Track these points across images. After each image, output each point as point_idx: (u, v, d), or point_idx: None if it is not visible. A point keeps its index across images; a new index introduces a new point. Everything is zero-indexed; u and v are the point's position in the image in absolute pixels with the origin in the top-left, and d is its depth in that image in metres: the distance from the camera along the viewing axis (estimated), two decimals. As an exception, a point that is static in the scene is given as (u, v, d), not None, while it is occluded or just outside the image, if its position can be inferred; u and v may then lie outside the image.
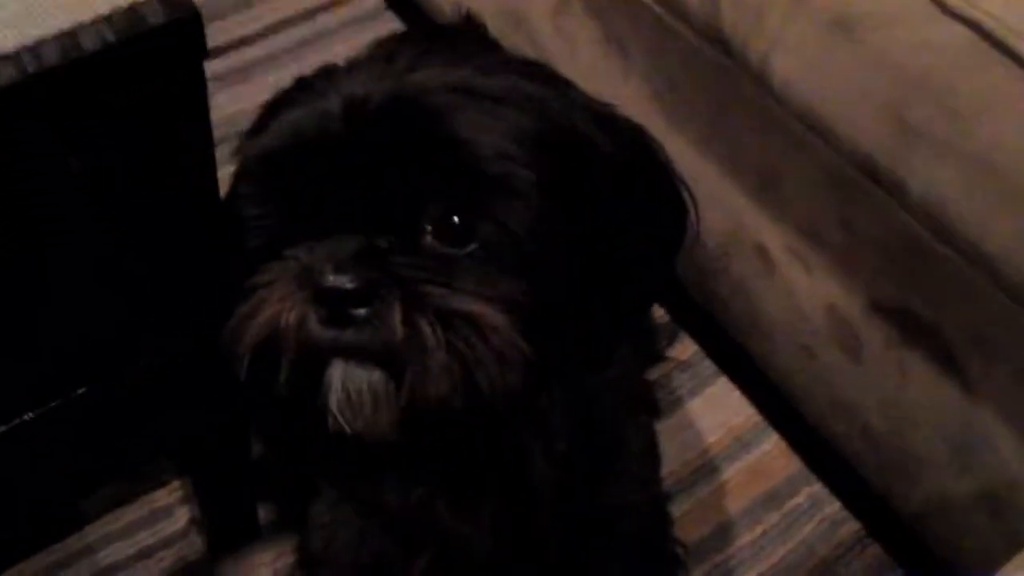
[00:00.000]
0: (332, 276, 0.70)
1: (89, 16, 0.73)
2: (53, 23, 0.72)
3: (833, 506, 1.29)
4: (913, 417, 1.11)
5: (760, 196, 1.17)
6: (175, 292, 0.93)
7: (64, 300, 0.95)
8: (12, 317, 0.93)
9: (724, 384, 1.39)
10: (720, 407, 1.37)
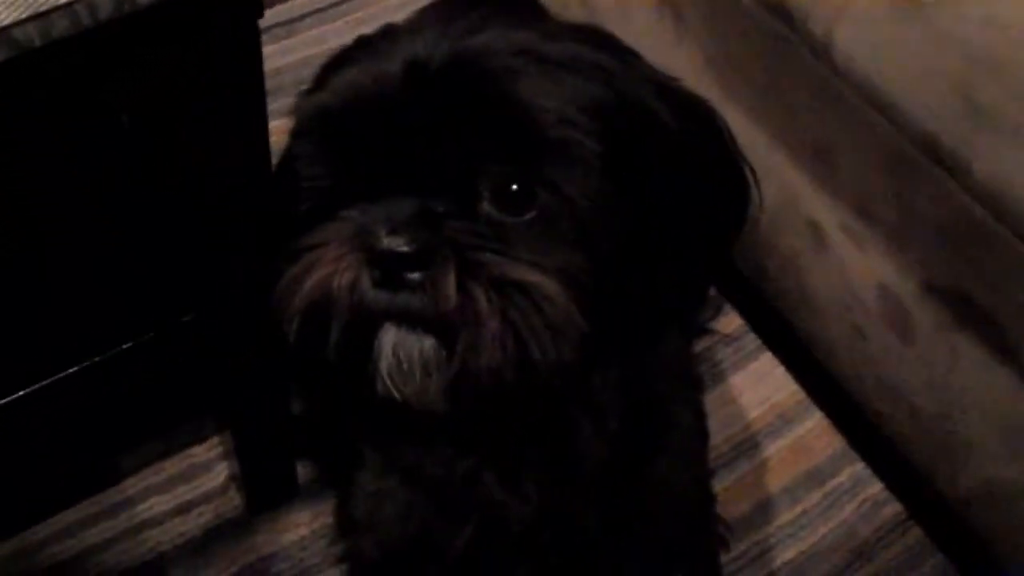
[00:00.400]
0: (387, 238, 0.68)
1: (144, -30, 0.72)
2: (108, -24, 0.71)
3: (875, 487, 1.28)
4: (963, 401, 1.09)
5: (814, 170, 1.15)
6: (219, 248, 0.92)
7: (110, 254, 0.95)
8: (57, 271, 0.94)
9: (768, 359, 1.38)
10: (763, 383, 1.36)
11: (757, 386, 1.36)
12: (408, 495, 0.90)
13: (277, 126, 0.85)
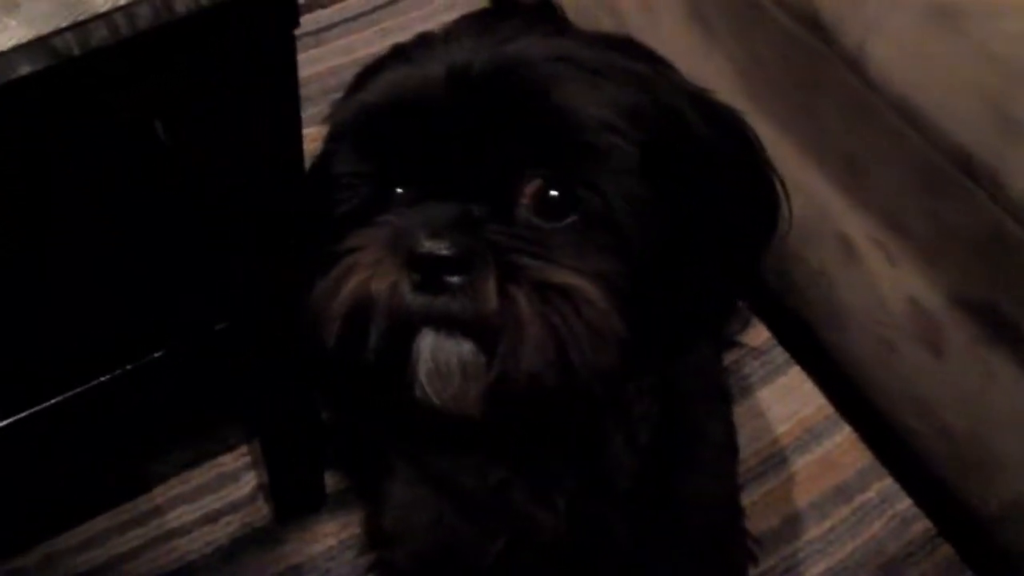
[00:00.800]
0: (428, 241, 0.68)
1: (183, -21, 0.73)
2: (146, -15, 0.72)
3: (904, 503, 1.27)
4: (995, 418, 1.08)
5: (845, 183, 1.14)
6: (251, 256, 0.93)
7: (143, 262, 0.96)
8: (89, 279, 0.94)
9: (796, 373, 1.37)
10: (791, 397, 1.35)
11: (785, 400, 1.35)
12: (438, 506, 0.90)
13: (306, 135, 0.85)
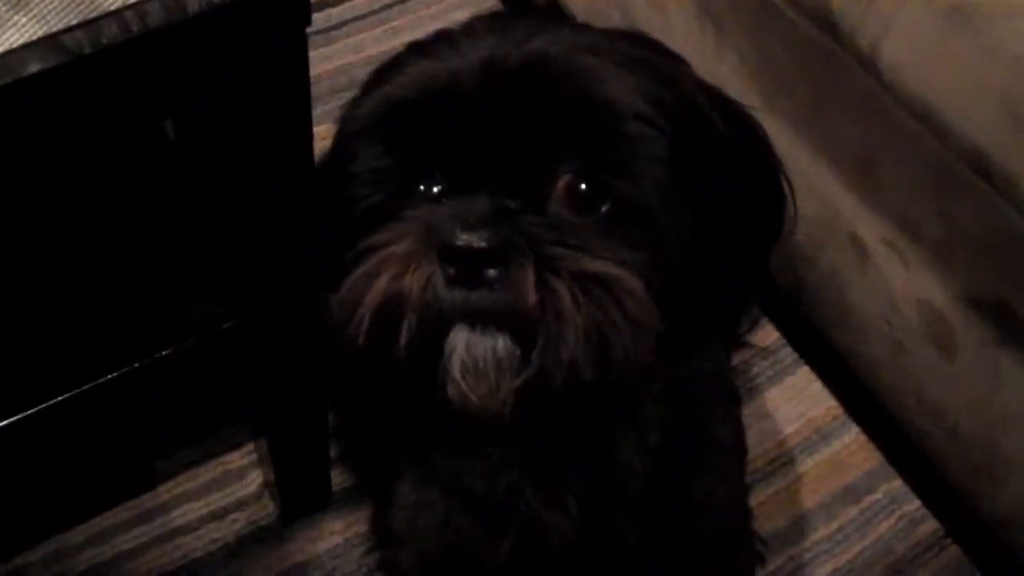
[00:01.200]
0: (464, 234, 0.67)
1: (194, -22, 0.72)
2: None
3: (912, 504, 1.27)
4: (1005, 420, 1.08)
5: (857, 184, 1.14)
6: (260, 255, 0.92)
7: (152, 260, 0.95)
8: (98, 277, 0.94)
9: (805, 373, 1.36)
10: (800, 397, 1.35)
11: (793, 400, 1.34)
12: (447, 507, 0.89)
13: (315, 133, 0.85)
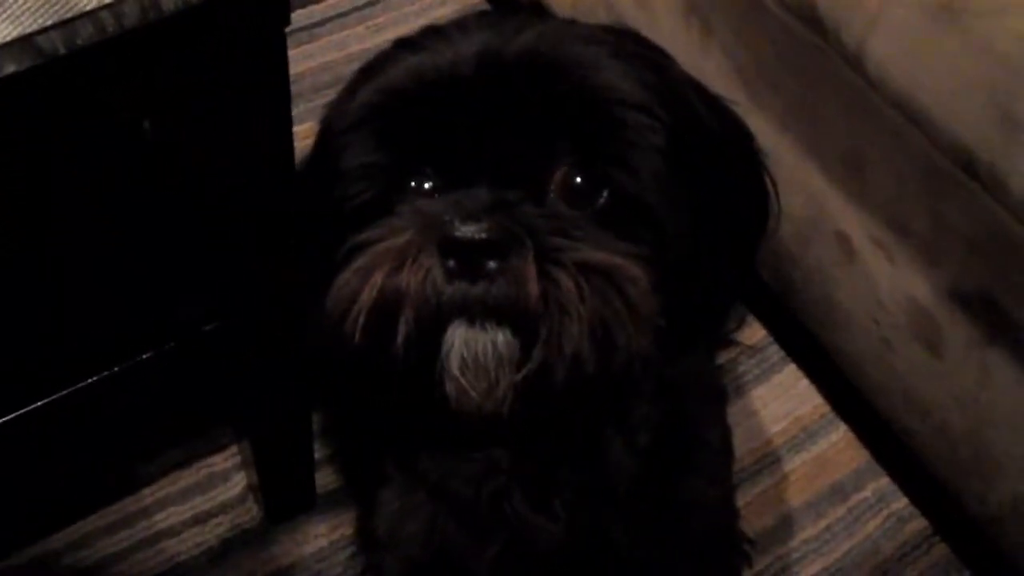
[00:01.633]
0: (463, 225, 0.66)
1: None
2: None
3: (900, 502, 1.26)
4: (993, 418, 1.07)
5: (843, 182, 1.13)
6: (241, 257, 0.91)
7: (131, 262, 0.94)
8: (76, 280, 0.93)
9: (792, 372, 1.36)
10: (787, 395, 1.34)
11: (780, 399, 1.34)
12: (432, 513, 0.88)
13: (299, 131, 0.84)
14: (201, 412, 1.18)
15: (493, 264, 0.66)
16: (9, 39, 0.66)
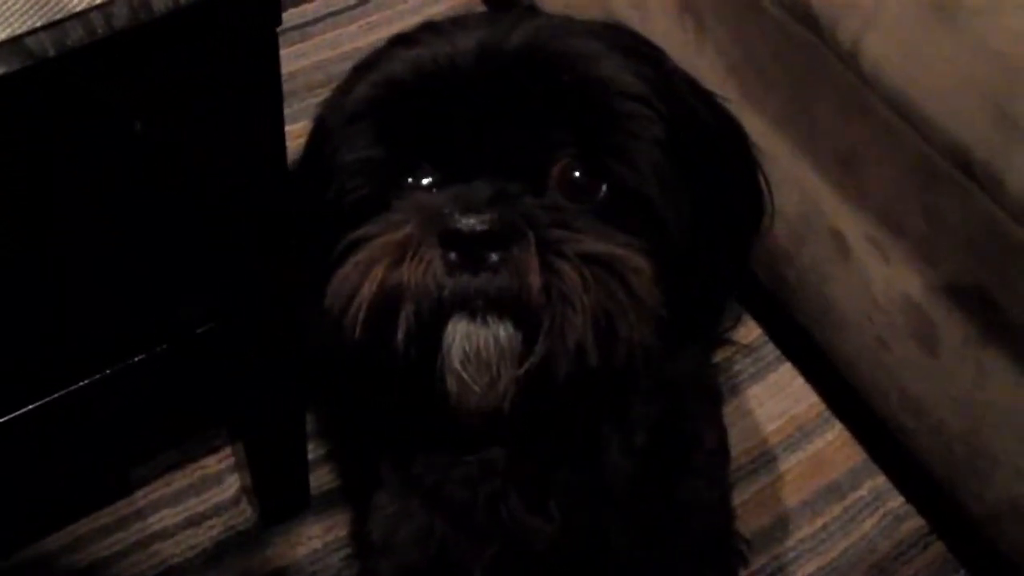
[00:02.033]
0: (464, 218, 0.65)
1: (160, -22, 0.71)
2: (124, -16, 0.70)
3: (896, 501, 1.26)
4: (990, 417, 1.07)
5: (838, 180, 1.13)
6: (234, 258, 0.91)
7: (123, 264, 0.94)
8: (69, 282, 0.92)
9: (787, 370, 1.36)
10: (782, 394, 1.34)
11: (776, 398, 1.34)
12: (427, 517, 0.88)
13: (292, 131, 0.83)
14: (194, 414, 1.17)
15: (495, 256, 0.65)
16: (-2, 41, 0.66)
